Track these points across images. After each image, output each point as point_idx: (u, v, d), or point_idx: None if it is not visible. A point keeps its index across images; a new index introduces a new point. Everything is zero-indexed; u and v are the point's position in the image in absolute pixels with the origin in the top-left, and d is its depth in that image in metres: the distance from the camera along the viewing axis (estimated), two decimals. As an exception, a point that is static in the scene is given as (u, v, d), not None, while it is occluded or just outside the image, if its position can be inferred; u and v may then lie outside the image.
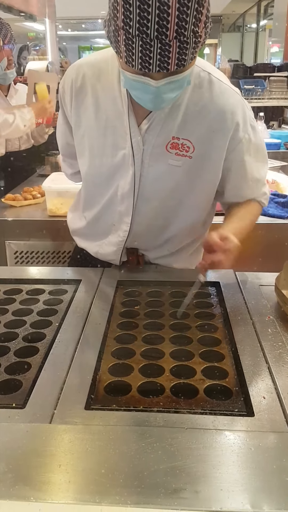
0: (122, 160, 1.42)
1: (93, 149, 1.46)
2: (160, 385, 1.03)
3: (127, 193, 1.47)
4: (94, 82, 1.39)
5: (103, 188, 1.51)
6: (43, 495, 0.73)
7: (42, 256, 2.56)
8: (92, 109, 1.41)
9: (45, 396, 0.98)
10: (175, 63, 1.07)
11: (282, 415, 0.93)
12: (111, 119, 1.39)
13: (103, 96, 1.38)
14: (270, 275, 1.49)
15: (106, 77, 1.37)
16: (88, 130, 1.44)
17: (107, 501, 0.72)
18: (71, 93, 1.42)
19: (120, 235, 1.56)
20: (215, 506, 0.71)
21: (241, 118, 1.38)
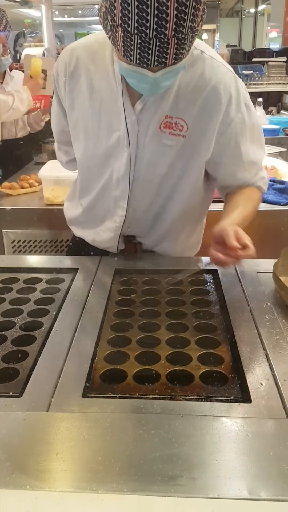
0: (117, 142, 1.42)
1: (88, 132, 1.45)
2: (156, 372, 1.03)
3: (122, 176, 1.46)
4: (88, 64, 1.39)
5: (98, 172, 1.51)
6: (40, 483, 0.73)
7: (40, 245, 2.55)
8: (86, 92, 1.41)
9: (42, 385, 0.98)
10: (173, 58, 1.09)
11: (279, 401, 0.92)
12: (106, 101, 1.39)
13: (97, 78, 1.38)
14: (268, 261, 1.49)
15: (100, 59, 1.37)
16: (82, 113, 1.44)
17: (104, 489, 0.72)
18: (65, 76, 1.42)
19: (116, 221, 1.56)
20: (212, 493, 0.71)
21: (234, 96, 1.37)
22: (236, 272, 1.49)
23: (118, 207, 1.53)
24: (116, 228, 1.57)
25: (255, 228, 2.14)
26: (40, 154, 3.44)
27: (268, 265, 1.44)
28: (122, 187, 1.49)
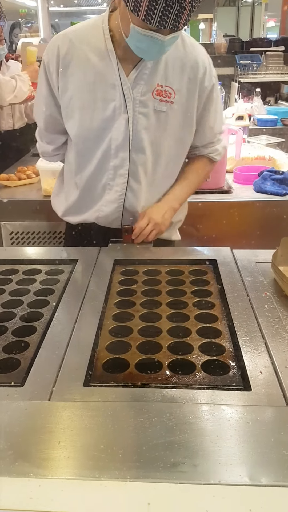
0: (113, 112, 1.53)
1: (83, 107, 1.53)
2: (158, 361, 1.04)
3: (121, 144, 1.56)
4: (80, 45, 1.50)
5: (95, 144, 1.58)
6: (43, 471, 0.74)
7: (38, 237, 2.54)
8: (80, 70, 1.50)
9: (44, 374, 0.99)
10: (183, 23, 1.27)
11: (279, 389, 0.93)
12: (100, 74, 1.50)
13: (91, 55, 1.49)
14: (267, 252, 1.49)
15: (92, 39, 1.50)
16: (77, 90, 1.52)
17: (106, 476, 0.72)
18: (58, 60, 1.50)
19: (117, 191, 1.63)
20: (213, 479, 0.72)
21: (208, 69, 1.60)
22: (235, 262, 1.49)
23: (118, 176, 1.61)
24: (118, 198, 1.64)
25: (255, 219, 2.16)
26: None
27: (267, 255, 1.44)
28: (121, 155, 1.57)
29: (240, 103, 4.40)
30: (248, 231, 2.11)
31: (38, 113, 1.68)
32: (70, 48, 1.49)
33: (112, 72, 1.49)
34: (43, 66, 1.55)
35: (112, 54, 1.48)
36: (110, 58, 1.48)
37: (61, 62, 1.50)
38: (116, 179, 1.61)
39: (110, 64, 1.48)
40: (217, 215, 2.30)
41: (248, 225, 2.02)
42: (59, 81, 1.52)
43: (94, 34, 1.50)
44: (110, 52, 1.48)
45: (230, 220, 1.99)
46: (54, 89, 1.55)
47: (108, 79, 1.50)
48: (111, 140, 1.55)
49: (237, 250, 1.58)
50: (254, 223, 2.17)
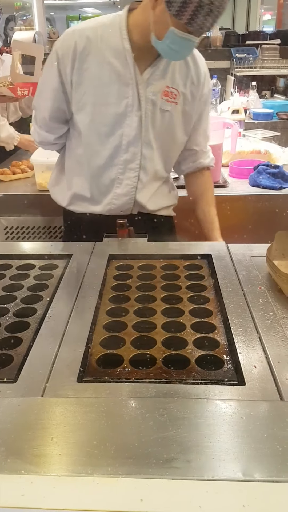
0: (125, 109, 1.60)
1: (96, 102, 1.59)
2: (152, 356, 1.03)
3: (132, 140, 1.64)
4: (97, 42, 1.55)
5: (106, 138, 1.63)
6: (35, 468, 0.73)
7: (33, 232, 2.53)
8: (95, 66, 1.56)
9: (37, 370, 0.98)
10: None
11: (273, 383, 0.93)
12: (115, 72, 1.56)
13: (107, 53, 1.55)
14: (262, 246, 1.48)
15: (109, 37, 1.56)
16: (91, 85, 1.58)
17: (99, 472, 0.72)
18: (74, 55, 1.55)
19: (128, 184, 1.70)
20: (207, 475, 0.72)
21: (207, 76, 1.73)
22: (230, 256, 1.49)
23: (129, 170, 1.69)
24: (130, 191, 1.72)
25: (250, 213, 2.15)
26: (32, 139, 3.39)
27: (262, 249, 1.44)
28: (132, 149, 1.66)
29: (236, 96, 4.38)
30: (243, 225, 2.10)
31: (44, 104, 1.68)
32: (87, 44, 1.53)
33: (127, 71, 1.56)
34: (55, 59, 1.57)
35: (128, 54, 1.55)
36: (126, 58, 1.56)
37: (77, 58, 1.54)
38: (127, 173, 1.69)
39: (125, 63, 1.56)
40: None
41: (244, 219, 2.02)
42: (73, 75, 1.56)
43: (111, 32, 1.56)
44: (127, 51, 1.55)
45: (226, 214, 1.99)
46: (66, 83, 1.58)
47: (123, 77, 1.57)
48: (123, 136, 1.63)
49: (232, 245, 1.57)
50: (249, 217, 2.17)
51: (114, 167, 1.68)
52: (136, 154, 1.67)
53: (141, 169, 1.70)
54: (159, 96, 1.62)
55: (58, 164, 1.85)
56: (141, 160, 1.68)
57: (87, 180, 1.72)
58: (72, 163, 1.77)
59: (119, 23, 1.56)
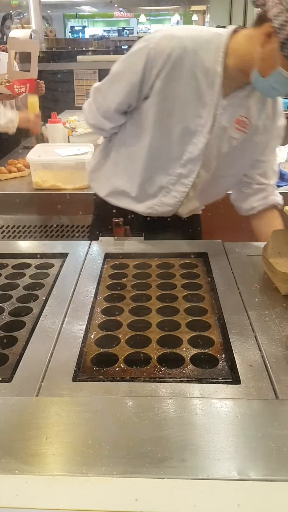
0: (196, 128, 1.56)
1: (171, 112, 1.55)
2: (147, 355, 1.03)
3: (194, 158, 1.61)
4: (192, 56, 1.48)
5: (168, 149, 1.61)
6: (29, 467, 0.73)
7: (29, 230, 2.53)
8: (182, 79, 1.50)
9: (32, 369, 0.98)
10: None
11: (268, 382, 0.93)
12: (200, 89, 1.51)
13: (198, 69, 1.49)
14: (258, 244, 1.49)
15: (204, 54, 1.49)
16: (171, 96, 1.53)
17: (93, 472, 0.72)
18: (166, 60, 1.48)
19: (176, 196, 1.69)
20: (201, 474, 0.72)
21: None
22: (226, 255, 1.49)
23: (180, 184, 1.66)
24: (176, 203, 1.70)
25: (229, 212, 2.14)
26: (28, 138, 3.39)
27: (258, 248, 1.44)
28: (190, 167, 1.63)
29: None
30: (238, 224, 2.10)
31: (114, 96, 1.61)
32: (183, 55, 1.47)
33: (210, 93, 1.52)
34: (144, 56, 1.50)
35: (218, 77, 1.49)
36: (214, 80, 1.50)
37: (169, 65, 1.48)
38: (177, 185, 1.67)
39: (212, 85, 1.51)
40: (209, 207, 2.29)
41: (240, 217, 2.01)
42: (157, 80, 1.51)
43: (208, 50, 1.49)
44: (217, 74, 1.49)
45: (222, 212, 1.98)
46: (146, 83, 1.53)
47: (204, 97, 1.53)
48: (185, 152, 1.60)
49: (228, 243, 1.57)
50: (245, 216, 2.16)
51: (167, 177, 1.66)
52: (192, 172, 1.64)
53: (192, 187, 1.68)
54: (232, 123, 1.58)
55: (102, 151, 1.81)
56: (196, 179, 1.66)
57: (136, 180, 1.69)
58: (122, 158, 1.73)
59: (218, 43, 1.48)
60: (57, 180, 2.49)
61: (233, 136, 1.60)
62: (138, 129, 1.64)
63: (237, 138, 1.61)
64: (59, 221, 2.48)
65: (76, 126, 3.09)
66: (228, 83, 1.51)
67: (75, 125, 3.12)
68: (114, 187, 1.76)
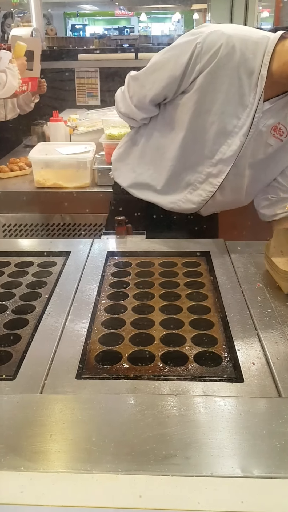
0: (233, 128, 1.54)
1: (209, 110, 1.53)
2: (150, 353, 1.04)
3: (226, 159, 1.59)
4: (239, 55, 1.46)
5: (201, 146, 1.59)
6: (34, 464, 0.73)
7: (31, 229, 2.53)
8: (225, 77, 1.48)
9: (36, 367, 0.98)
10: None
11: (271, 380, 0.93)
12: (241, 90, 1.50)
13: (242, 69, 1.48)
14: (260, 243, 1.49)
15: (250, 55, 1.47)
16: (211, 94, 1.51)
17: (98, 469, 0.72)
18: (213, 57, 1.46)
19: (201, 195, 1.67)
20: (205, 471, 0.72)
21: None
22: (228, 253, 1.49)
23: (208, 183, 1.65)
24: (201, 201, 1.69)
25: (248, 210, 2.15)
26: (29, 136, 3.39)
27: (260, 246, 1.44)
28: (221, 167, 1.61)
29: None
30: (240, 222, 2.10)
31: (152, 85, 1.57)
32: (231, 54, 1.46)
33: (251, 95, 1.50)
34: (190, 49, 1.47)
35: (261, 81, 1.47)
36: (257, 83, 1.48)
37: (215, 62, 1.46)
38: (205, 184, 1.65)
39: (254, 87, 1.49)
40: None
41: (242, 216, 2.01)
42: (200, 76, 1.48)
43: (255, 51, 1.47)
44: (261, 77, 1.47)
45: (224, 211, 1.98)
46: (188, 77, 1.50)
47: (244, 99, 1.51)
48: (218, 151, 1.59)
49: (230, 242, 1.57)
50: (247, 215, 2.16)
51: (196, 174, 1.65)
52: (222, 173, 1.62)
53: (220, 188, 1.65)
54: (269, 129, 1.56)
55: (129, 141, 1.79)
56: (225, 180, 1.63)
57: (163, 173, 1.68)
58: (150, 149, 1.71)
59: (266, 46, 1.46)
60: (58, 178, 2.49)
61: (269, 142, 1.59)
62: (171, 123, 1.61)
63: (272, 145, 1.59)
64: (61, 219, 2.48)
65: (78, 124, 3.08)
66: (270, 87, 1.49)
67: (76, 123, 3.11)
68: (138, 179, 1.74)
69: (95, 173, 2.53)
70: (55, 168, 2.49)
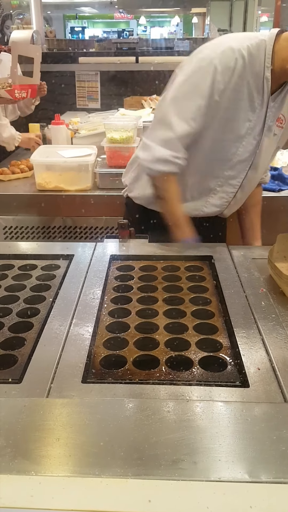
0: (246, 131, 1.61)
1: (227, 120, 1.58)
2: (155, 357, 1.04)
3: (244, 160, 1.66)
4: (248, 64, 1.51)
5: (220, 155, 1.66)
6: (42, 468, 0.73)
7: (32, 231, 2.53)
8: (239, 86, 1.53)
9: (41, 371, 0.98)
10: None
11: (277, 385, 0.94)
12: (250, 94, 1.55)
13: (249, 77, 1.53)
14: (263, 248, 1.50)
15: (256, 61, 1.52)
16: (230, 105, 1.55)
17: (107, 473, 0.72)
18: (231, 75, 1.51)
19: (223, 197, 1.75)
20: (213, 476, 0.72)
21: None
22: (231, 258, 1.49)
23: (228, 185, 1.72)
24: (223, 204, 1.76)
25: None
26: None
27: (263, 251, 1.45)
28: (239, 168, 1.68)
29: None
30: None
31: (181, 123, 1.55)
32: (243, 66, 1.50)
33: (259, 98, 1.57)
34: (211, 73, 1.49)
35: (267, 83, 1.54)
36: (264, 85, 1.55)
37: (233, 78, 1.51)
38: (225, 186, 1.72)
39: (261, 89, 1.55)
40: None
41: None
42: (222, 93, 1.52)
43: (258, 57, 1.52)
44: (266, 79, 1.54)
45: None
46: (213, 98, 1.52)
47: (252, 102, 1.57)
48: (235, 154, 1.65)
49: (233, 246, 1.58)
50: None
51: (215, 179, 1.71)
52: (241, 173, 1.70)
53: (240, 187, 1.73)
54: (274, 122, 1.66)
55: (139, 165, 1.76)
56: (244, 179, 1.71)
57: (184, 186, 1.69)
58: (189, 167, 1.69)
59: (266, 49, 1.52)
60: (60, 181, 2.50)
61: (275, 132, 1.69)
62: None
63: (277, 134, 1.71)
64: (62, 222, 2.48)
65: (79, 127, 3.09)
66: (273, 85, 1.56)
67: (78, 126, 3.12)
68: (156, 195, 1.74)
69: (97, 176, 2.54)
70: (57, 171, 2.49)
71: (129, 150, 2.53)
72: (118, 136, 2.57)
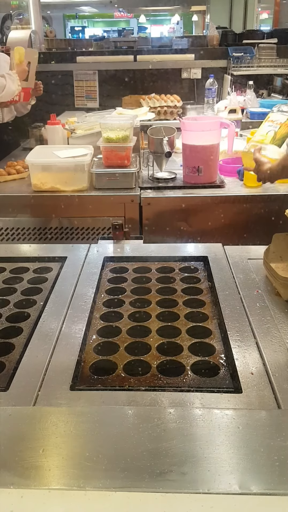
0: None
1: None
2: (146, 363, 1.01)
3: None
4: None
5: None
6: (25, 481, 0.71)
7: (28, 233, 2.50)
8: None
9: (29, 378, 0.96)
10: None
11: (270, 391, 0.91)
12: None
13: None
14: (259, 248, 1.46)
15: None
16: None
17: (91, 486, 0.70)
18: None
19: None
20: (202, 488, 0.70)
21: None
22: (226, 259, 1.47)
23: None
24: None
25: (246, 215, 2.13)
26: (27, 139, 3.37)
27: (259, 252, 1.42)
28: None
29: (233, 96, 4.35)
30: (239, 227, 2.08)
31: None
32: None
33: None
34: None
35: None
36: None
37: None
38: None
39: None
40: (210, 210, 2.27)
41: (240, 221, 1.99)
42: None
43: None
44: None
45: (222, 215, 1.97)
46: None
47: None
48: None
49: (229, 247, 1.55)
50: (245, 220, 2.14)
51: None
52: None
53: None
54: None
55: None
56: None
57: None
58: None
59: None
60: (56, 182, 2.47)
61: None
62: None
63: None
64: (58, 223, 2.46)
65: (75, 127, 3.06)
66: None
67: (74, 126, 3.09)
68: None
69: (93, 177, 2.51)
70: (53, 171, 2.46)
71: (125, 149, 2.49)
72: (114, 136, 2.54)
